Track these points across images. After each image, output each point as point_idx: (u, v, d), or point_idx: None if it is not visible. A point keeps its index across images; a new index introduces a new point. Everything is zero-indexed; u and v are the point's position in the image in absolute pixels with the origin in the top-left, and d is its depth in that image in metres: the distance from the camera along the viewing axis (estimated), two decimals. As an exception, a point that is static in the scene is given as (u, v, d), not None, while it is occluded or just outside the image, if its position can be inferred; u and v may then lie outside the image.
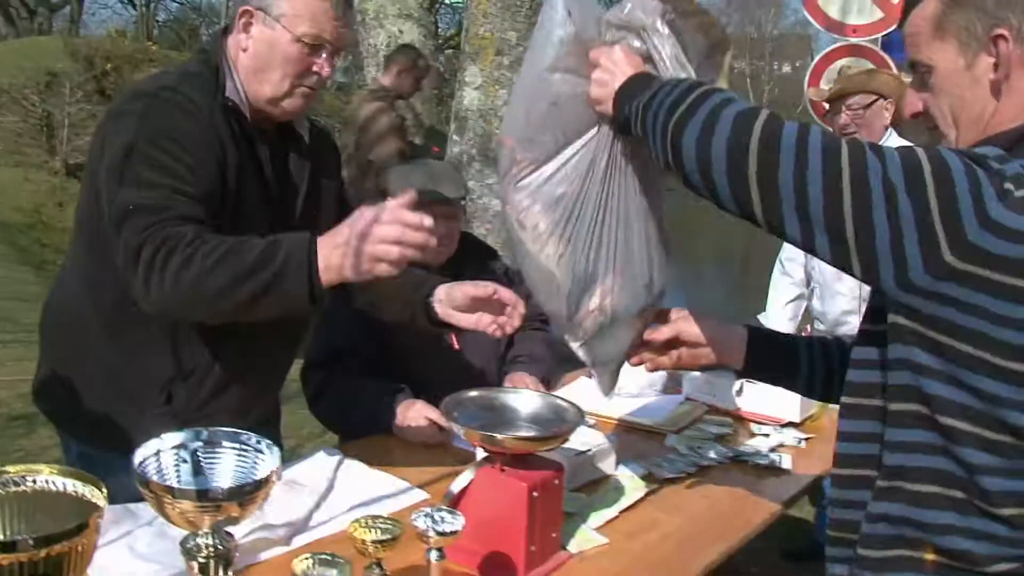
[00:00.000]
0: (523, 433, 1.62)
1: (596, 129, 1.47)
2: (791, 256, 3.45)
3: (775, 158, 1.09)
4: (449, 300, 1.79)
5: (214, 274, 1.47)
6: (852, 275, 1.11)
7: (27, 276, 9.36)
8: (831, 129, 3.12)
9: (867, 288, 1.20)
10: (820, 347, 1.61)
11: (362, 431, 2.19)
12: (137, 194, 1.56)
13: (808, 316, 3.49)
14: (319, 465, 1.89)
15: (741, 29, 44.52)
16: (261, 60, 1.71)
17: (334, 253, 1.45)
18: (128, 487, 1.73)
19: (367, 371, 2.29)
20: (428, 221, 1.42)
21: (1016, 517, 1.09)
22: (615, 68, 1.39)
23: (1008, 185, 1.04)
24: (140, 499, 1.55)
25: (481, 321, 1.74)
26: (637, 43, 1.42)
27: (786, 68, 42.41)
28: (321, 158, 1.92)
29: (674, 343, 1.62)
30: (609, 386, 1.67)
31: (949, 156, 1.06)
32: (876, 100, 3.07)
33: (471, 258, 2.49)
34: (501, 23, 3.43)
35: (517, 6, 3.38)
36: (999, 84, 1.16)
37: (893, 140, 3.12)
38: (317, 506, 1.72)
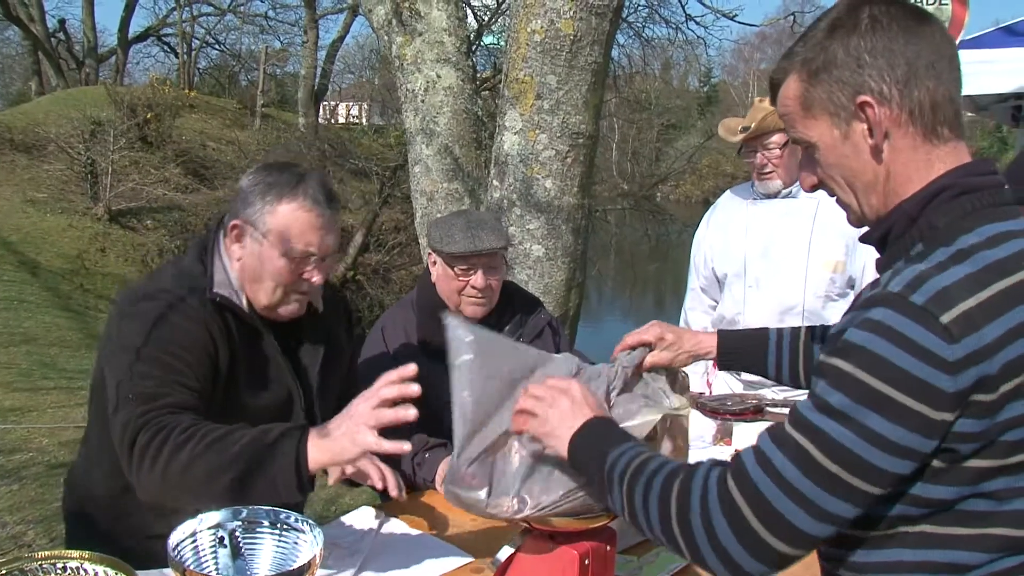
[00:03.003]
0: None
1: None
2: (695, 299, 3.18)
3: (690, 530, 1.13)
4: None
5: (203, 459, 1.48)
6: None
7: (70, 323, 9.45)
8: (752, 163, 2.84)
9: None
10: (790, 335, 1.67)
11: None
12: (137, 384, 1.60)
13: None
14: (359, 525, 1.84)
15: (775, 63, 44.86)
16: (253, 272, 1.75)
17: (325, 441, 1.47)
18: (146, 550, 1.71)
19: (405, 426, 2.23)
20: (408, 381, 1.55)
21: None
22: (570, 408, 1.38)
23: (944, 318, 1.01)
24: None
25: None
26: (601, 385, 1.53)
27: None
28: (334, 331, 1.95)
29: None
30: None
31: (886, 351, 1.02)
32: None
33: (513, 308, 2.43)
34: (541, 67, 3.39)
35: (557, 50, 3.35)
36: (879, 148, 1.15)
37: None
38: (360, 570, 1.66)
